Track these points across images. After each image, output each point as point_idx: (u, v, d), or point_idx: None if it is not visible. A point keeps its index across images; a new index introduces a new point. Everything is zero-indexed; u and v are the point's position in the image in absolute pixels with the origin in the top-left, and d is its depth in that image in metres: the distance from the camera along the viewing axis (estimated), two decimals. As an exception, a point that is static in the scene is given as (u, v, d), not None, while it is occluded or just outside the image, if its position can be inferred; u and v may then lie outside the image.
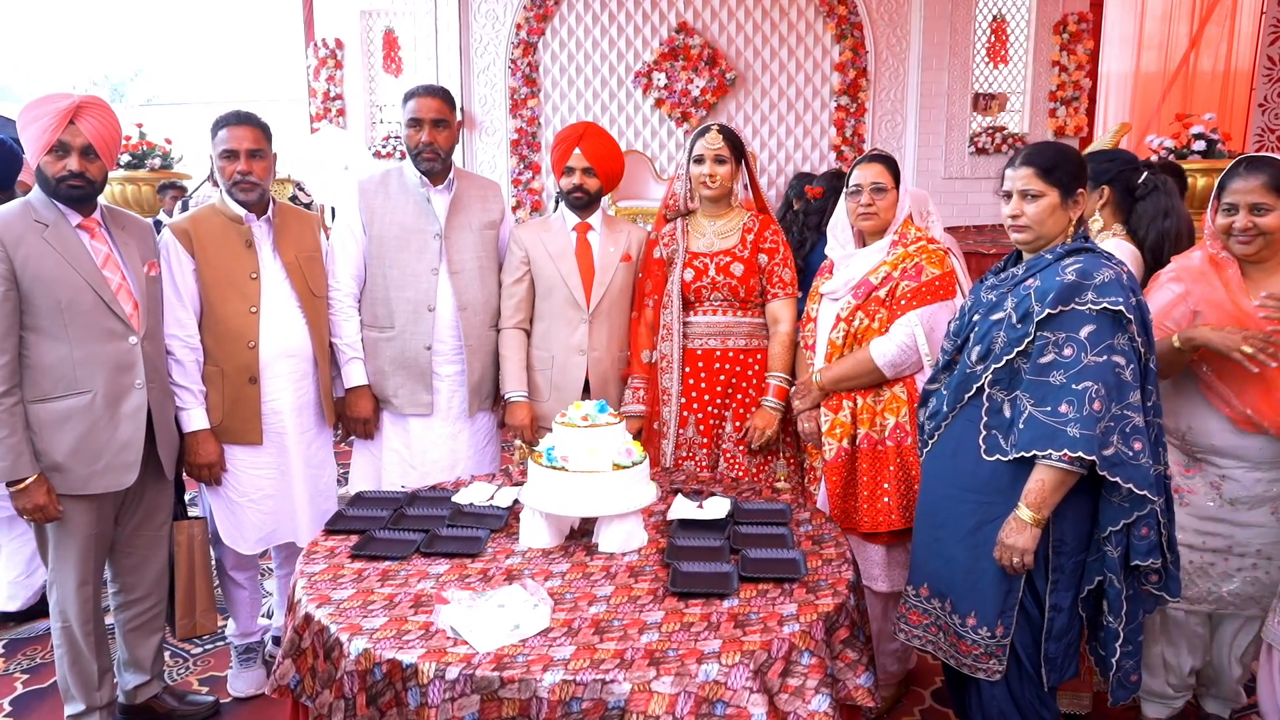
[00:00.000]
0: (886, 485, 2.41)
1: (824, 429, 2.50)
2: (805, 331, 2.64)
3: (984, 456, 1.97)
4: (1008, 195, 2.00)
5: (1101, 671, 1.99)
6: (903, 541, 2.45)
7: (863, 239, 2.57)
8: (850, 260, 2.55)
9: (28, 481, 2.17)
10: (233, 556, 2.68)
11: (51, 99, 2.20)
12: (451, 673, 1.52)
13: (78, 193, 2.22)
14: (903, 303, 2.42)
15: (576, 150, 2.74)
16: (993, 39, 8.29)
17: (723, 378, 2.72)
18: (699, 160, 2.67)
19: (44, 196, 2.22)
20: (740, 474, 2.70)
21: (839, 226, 2.60)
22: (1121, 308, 1.81)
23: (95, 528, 2.30)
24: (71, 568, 2.29)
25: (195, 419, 2.49)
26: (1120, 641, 1.92)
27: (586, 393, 2.79)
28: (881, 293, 2.45)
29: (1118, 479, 1.81)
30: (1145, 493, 1.82)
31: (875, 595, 2.52)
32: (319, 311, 2.66)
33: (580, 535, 2.09)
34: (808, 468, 2.65)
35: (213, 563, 2.75)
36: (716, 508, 2.15)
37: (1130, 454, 1.81)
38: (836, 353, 2.50)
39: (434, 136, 2.68)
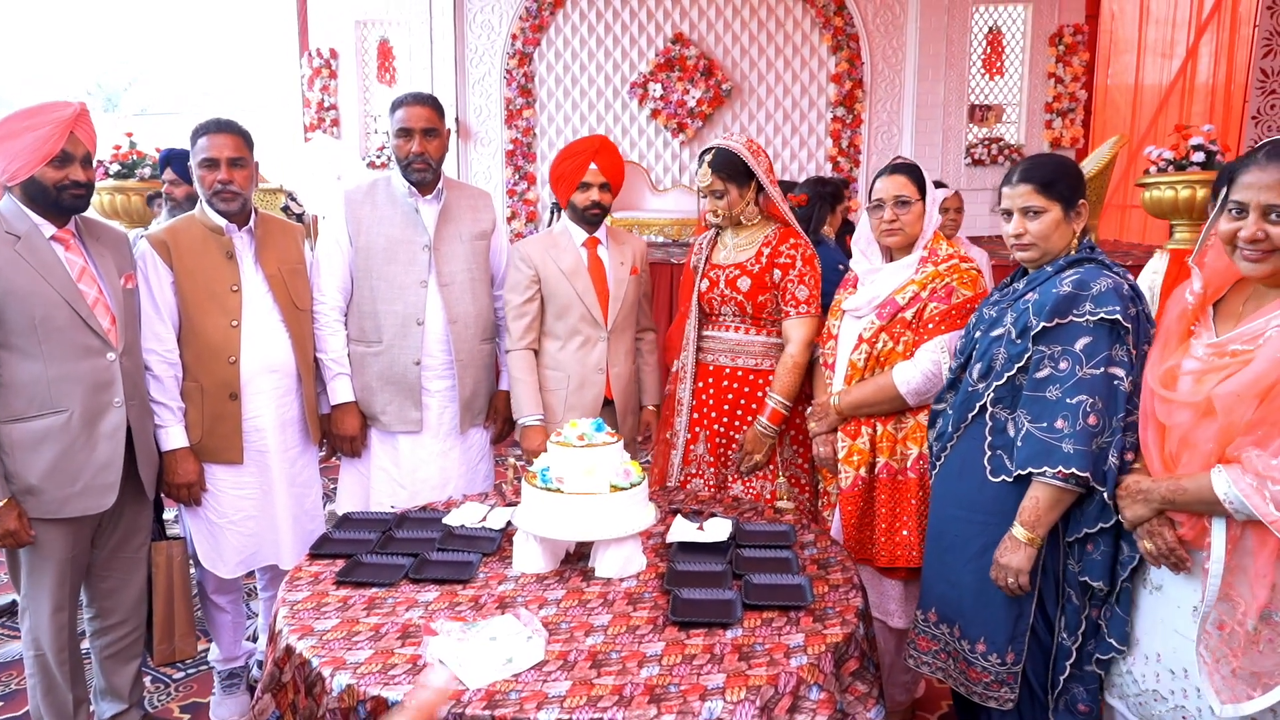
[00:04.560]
0: (906, 518, 2.29)
1: (841, 455, 2.37)
2: (825, 349, 2.49)
3: (989, 478, 1.91)
4: (1008, 214, 1.94)
5: (1051, 692, 1.92)
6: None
7: (889, 254, 2.42)
8: (876, 276, 2.39)
9: None
10: (214, 579, 2.58)
11: (50, 108, 2.12)
12: (440, 711, 1.43)
13: (81, 202, 2.17)
14: (930, 326, 2.27)
15: (592, 165, 2.65)
16: (989, 50, 8.29)
17: (730, 396, 2.62)
18: (701, 194, 2.60)
19: (16, 207, 2.13)
20: (753, 497, 2.59)
21: (864, 240, 2.45)
22: (1118, 317, 1.75)
23: (71, 551, 2.20)
24: (46, 594, 2.19)
25: (174, 437, 2.39)
26: (1073, 661, 1.85)
27: (609, 409, 2.72)
28: (908, 314, 2.30)
29: (1104, 490, 1.77)
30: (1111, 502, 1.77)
31: (890, 631, 2.42)
32: (303, 325, 2.57)
33: (576, 559, 2.00)
34: (822, 491, 2.53)
35: (194, 585, 2.66)
36: (717, 530, 2.07)
37: (1120, 466, 1.77)
38: (857, 375, 2.36)
39: (424, 146, 2.60)
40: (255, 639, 2.96)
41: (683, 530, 2.08)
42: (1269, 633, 1.54)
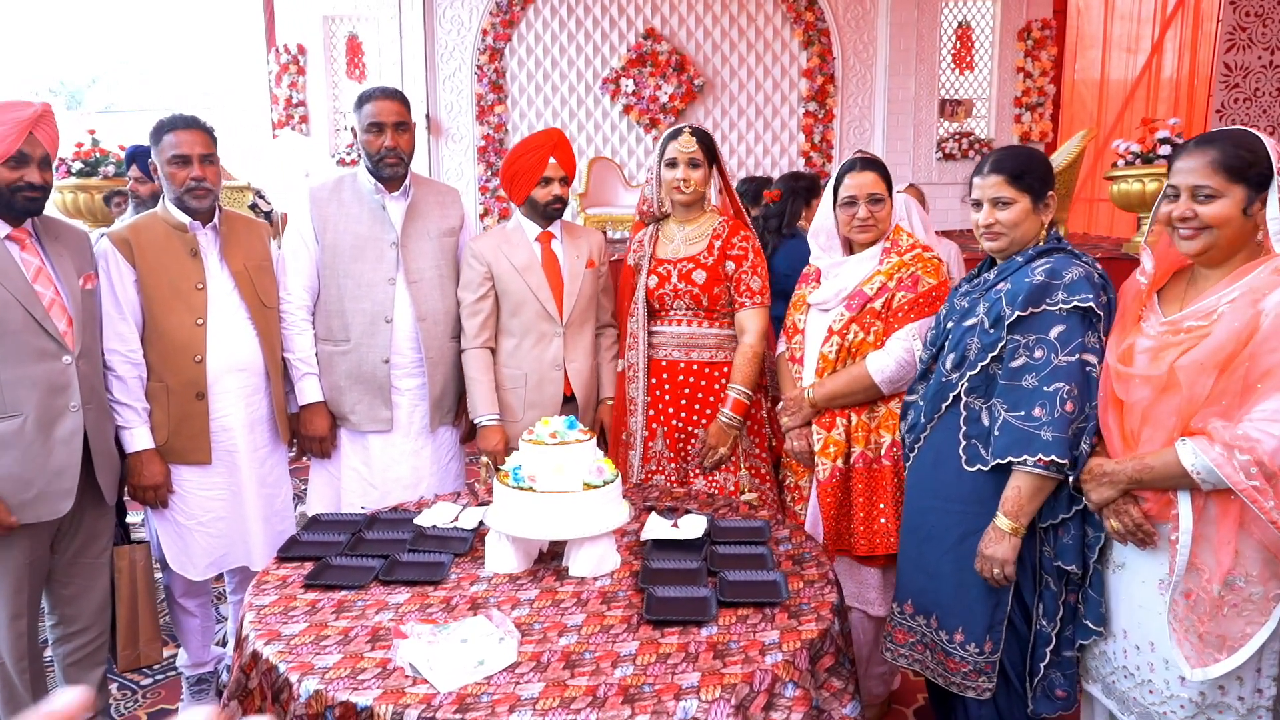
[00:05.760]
0: (883, 505, 2.30)
1: (816, 448, 2.38)
2: (793, 344, 2.50)
3: (965, 467, 1.92)
4: (977, 204, 1.97)
5: (1030, 680, 1.94)
6: None
7: (849, 246, 2.45)
8: (840, 269, 2.41)
9: None
10: (182, 583, 2.54)
11: (9, 107, 2.06)
12: (410, 715, 1.40)
13: (35, 205, 2.11)
14: (900, 315, 2.29)
15: (552, 160, 2.62)
16: (958, 45, 8.36)
17: (687, 391, 2.61)
18: (671, 164, 2.55)
19: None
20: (717, 491, 2.59)
21: (823, 233, 2.46)
22: (1091, 304, 1.79)
23: (29, 557, 2.15)
24: (3, 602, 2.13)
25: (139, 438, 2.35)
26: (1051, 648, 1.88)
27: (570, 405, 2.69)
28: (877, 304, 2.32)
29: (1073, 477, 1.79)
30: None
31: (870, 619, 2.42)
32: (270, 323, 2.53)
33: (549, 558, 1.98)
34: (791, 486, 2.53)
35: (160, 589, 2.61)
36: (692, 526, 2.06)
37: (1089, 451, 1.80)
38: (829, 367, 2.37)
39: (396, 140, 2.56)
40: (225, 644, 2.91)
41: (657, 528, 2.06)
42: (1233, 598, 1.60)
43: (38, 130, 2.08)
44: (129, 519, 2.74)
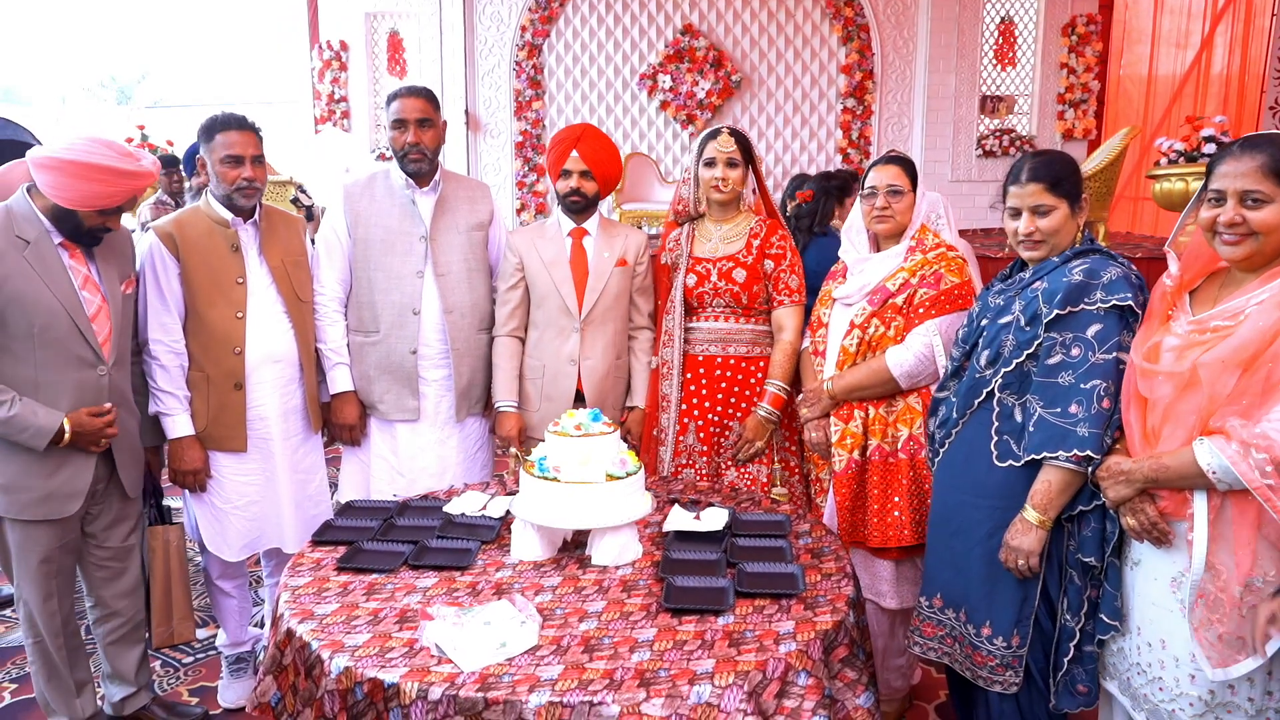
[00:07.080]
0: (898, 499, 2.33)
1: (833, 439, 2.42)
2: (816, 337, 2.54)
3: (996, 463, 1.93)
4: (1015, 212, 1.97)
5: (1054, 676, 1.94)
6: (912, 557, 2.38)
7: (877, 243, 2.49)
8: (865, 265, 2.46)
9: None
10: (219, 565, 2.63)
11: (132, 176, 2.12)
12: (435, 693, 1.46)
13: (99, 242, 2.22)
14: (920, 311, 2.33)
15: (574, 153, 2.66)
16: (1000, 41, 8.24)
17: (724, 385, 2.65)
18: (710, 164, 2.59)
19: (30, 209, 2.13)
20: (749, 484, 2.62)
21: (854, 230, 2.51)
22: (1130, 303, 1.80)
23: (59, 541, 2.23)
24: (36, 585, 2.23)
25: (179, 425, 2.44)
26: (1075, 642, 1.88)
27: (580, 403, 2.72)
28: (899, 300, 2.36)
29: (1092, 469, 1.80)
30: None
31: (883, 612, 2.45)
32: (305, 316, 2.61)
33: (573, 547, 2.03)
34: (814, 478, 2.57)
35: (196, 570, 2.70)
36: (714, 519, 2.09)
37: (1110, 446, 1.80)
38: (849, 360, 2.41)
39: (419, 136, 2.63)
40: (262, 625, 3.01)
41: (679, 519, 2.10)
42: (1252, 599, 1.59)
43: (142, 194, 2.19)
44: (170, 504, 2.84)
